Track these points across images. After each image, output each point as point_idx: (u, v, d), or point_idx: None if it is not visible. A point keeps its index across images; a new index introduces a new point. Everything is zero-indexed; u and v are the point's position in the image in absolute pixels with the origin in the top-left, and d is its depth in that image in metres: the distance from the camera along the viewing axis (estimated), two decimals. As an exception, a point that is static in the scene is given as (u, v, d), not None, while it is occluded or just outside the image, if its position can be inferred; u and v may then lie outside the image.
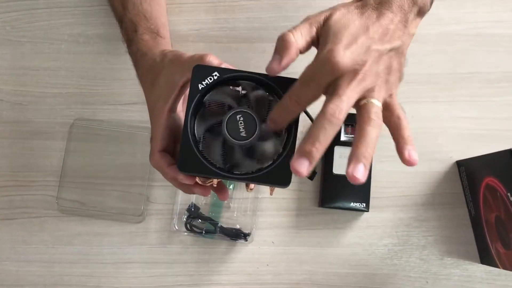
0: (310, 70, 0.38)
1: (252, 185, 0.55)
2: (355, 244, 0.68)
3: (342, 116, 0.36)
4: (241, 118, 0.40)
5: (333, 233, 0.68)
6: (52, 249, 0.67)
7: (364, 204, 0.66)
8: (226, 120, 0.41)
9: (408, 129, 0.40)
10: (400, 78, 0.42)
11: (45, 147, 0.69)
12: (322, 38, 0.40)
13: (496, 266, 0.62)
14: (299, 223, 0.68)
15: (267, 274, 0.67)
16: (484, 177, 0.62)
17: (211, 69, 0.42)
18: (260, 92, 0.43)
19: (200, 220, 0.67)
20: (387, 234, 0.68)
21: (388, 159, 0.68)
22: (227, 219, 0.68)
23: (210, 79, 0.41)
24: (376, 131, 0.37)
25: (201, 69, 0.42)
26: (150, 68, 0.49)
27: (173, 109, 0.47)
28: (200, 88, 0.41)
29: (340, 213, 0.68)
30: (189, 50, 0.71)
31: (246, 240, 0.66)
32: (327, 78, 0.37)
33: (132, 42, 0.54)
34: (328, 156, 0.68)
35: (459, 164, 0.69)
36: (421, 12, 0.44)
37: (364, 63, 0.38)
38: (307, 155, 0.36)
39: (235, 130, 0.41)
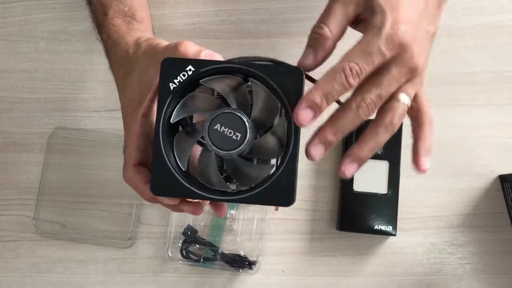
0: (374, 43, 0.33)
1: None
2: (379, 273, 0.61)
3: (375, 108, 0.35)
4: (227, 121, 0.34)
5: (354, 261, 0.61)
6: (29, 278, 0.62)
7: (391, 226, 0.59)
8: (208, 126, 0.34)
9: (432, 137, 0.39)
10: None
11: (20, 160, 0.64)
12: (368, 10, 0.35)
13: (551, 304, 0.53)
14: (314, 248, 0.61)
15: (276, 309, 0.61)
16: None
17: (184, 62, 0.34)
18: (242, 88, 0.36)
19: (197, 246, 0.60)
20: (417, 261, 0.61)
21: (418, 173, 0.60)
22: (229, 244, 0.61)
23: (184, 75, 0.34)
24: (389, 136, 0.36)
25: (171, 63, 0.34)
26: (122, 61, 0.43)
27: (149, 112, 0.40)
28: (172, 88, 0.34)
29: (362, 238, 0.61)
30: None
31: (252, 269, 0.59)
32: (389, 54, 0.33)
33: (102, 27, 0.48)
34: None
35: (503, 179, 0.61)
36: None
37: (416, 48, 0.34)
38: (327, 143, 0.34)
39: (223, 138, 0.33)
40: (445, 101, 0.62)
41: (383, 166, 0.59)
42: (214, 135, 0.33)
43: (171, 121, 0.35)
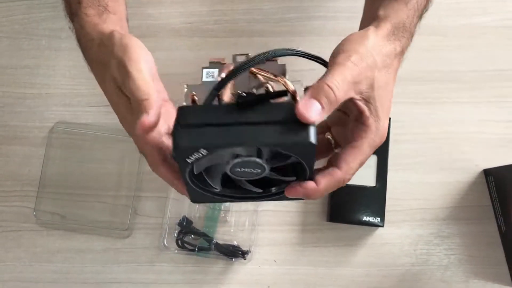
0: (368, 153, 0.40)
1: None
2: (368, 264, 0.62)
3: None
4: (243, 165, 0.37)
5: (344, 251, 0.62)
6: (30, 267, 0.62)
7: (379, 218, 0.60)
8: (230, 171, 0.37)
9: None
10: None
11: (22, 153, 0.64)
12: (369, 105, 0.39)
13: (531, 291, 0.55)
14: (305, 239, 0.62)
15: (268, 297, 0.61)
16: (518, 190, 0.55)
17: (197, 147, 0.35)
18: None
19: (192, 236, 0.61)
20: (404, 252, 0.62)
21: (405, 167, 0.63)
22: (223, 235, 0.62)
23: (200, 154, 0.35)
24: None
25: (184, 153, 0.35)
26: (100, 60, 0.42)
27: None
28: (190, 162, 0.36)
29: (352, 229, 0.62)
30: (182, 46, 0.66)
31: (245, 259, 0.60)
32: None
33: (75, 16, 0.46)
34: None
35: (487, 173, 0.62)
36: None
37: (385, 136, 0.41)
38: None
39: (246, 174, 0.38)
40: (431, 98, 0.63)
41: (371, 160, 0.60)
42: (238, 174, 0.37)
43: (195, 172, 0.38)
